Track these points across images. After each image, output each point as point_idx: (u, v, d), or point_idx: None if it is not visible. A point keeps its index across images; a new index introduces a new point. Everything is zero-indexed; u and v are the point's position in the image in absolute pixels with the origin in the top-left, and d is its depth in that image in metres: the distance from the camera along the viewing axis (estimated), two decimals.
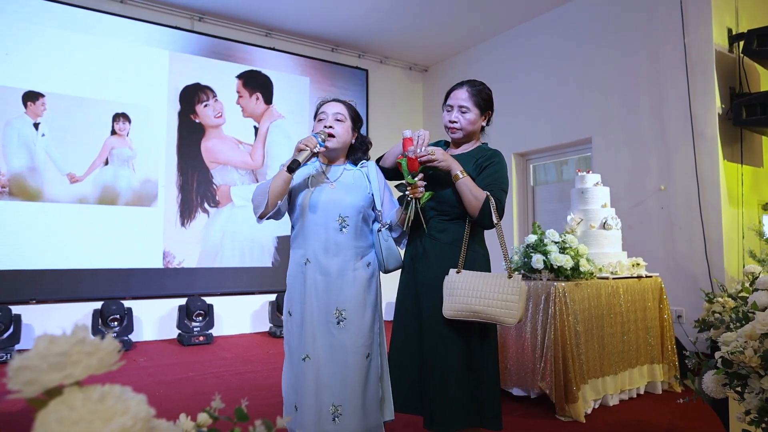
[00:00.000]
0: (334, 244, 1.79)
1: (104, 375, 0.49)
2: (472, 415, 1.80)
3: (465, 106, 1.88)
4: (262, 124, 5.90)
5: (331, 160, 1.92)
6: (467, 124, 1.89)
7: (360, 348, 1.77)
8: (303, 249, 1.82)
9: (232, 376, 3.62)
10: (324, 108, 1.89)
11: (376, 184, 1.90)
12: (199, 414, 0.73)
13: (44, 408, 0.46)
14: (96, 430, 0.44)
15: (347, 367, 1.74)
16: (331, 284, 1.78)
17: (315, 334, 1.75)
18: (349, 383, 1.73)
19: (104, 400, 0.47)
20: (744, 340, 1.62)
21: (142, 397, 0.51)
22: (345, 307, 1.78)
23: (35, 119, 4.74)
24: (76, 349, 0.48)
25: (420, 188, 1.78)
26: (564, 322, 2.76)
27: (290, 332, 1.82)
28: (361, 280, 1.82)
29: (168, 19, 5.41)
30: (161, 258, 5.23)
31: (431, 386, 1.79)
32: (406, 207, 1.81)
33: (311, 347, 1.74)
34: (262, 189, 1.80)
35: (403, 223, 1.86)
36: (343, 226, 1.80)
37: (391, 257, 1.88)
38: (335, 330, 1.76)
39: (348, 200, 1.82)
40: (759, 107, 3.81)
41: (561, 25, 5.30)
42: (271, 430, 0.61)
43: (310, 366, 1.73)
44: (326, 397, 1.71)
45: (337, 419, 1.71)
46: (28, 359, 0.47)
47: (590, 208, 3.39)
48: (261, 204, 1.78)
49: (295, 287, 1.82)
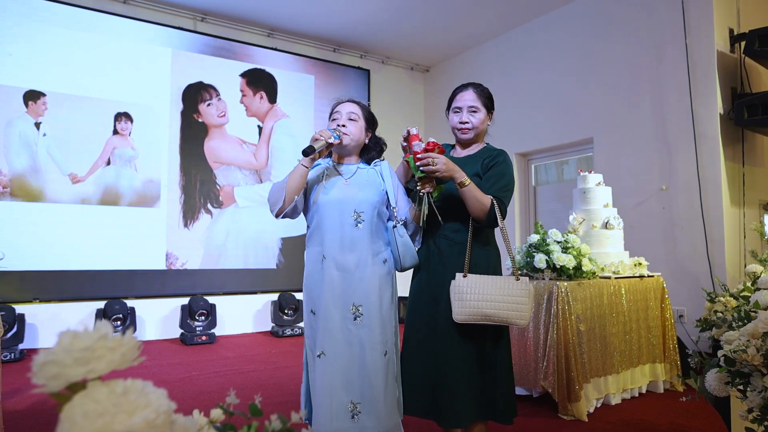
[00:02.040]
0: (350, 240, 1.79)
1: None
2: (483, 409, 1.81)
3: (474, 106, 1.90)
4: (266, 124, 5.87)
5: (344, 159, 1.94)
6: (478, 123, 1.92)
7: (377, 345, 1.76)
8: (319, 246, 1.82)
9: (235, 375, 3.64)
10: (339, 108, 1.92)
11: (390, 181, 1.91)
12: (212, 410, 0.74)
13: (69, 402, 0.47)
14: (120, 423, 0.46)
15: (365, 364, 1.73)
16: (348, 280, 1.78)
17: (332, 330, 1.74)
18: (369, 380, 1.72)
19: (127, 394, 0.49)
20: (746, 338, 1.63)
21: (163, 391, 0.52)
22: (362, 302, 1.77)
23: (36, 119, 4.72)
24: (100, 344, 0.49)
25: (431, 183, 1.77)
26: (566, 322, 2.77)
27: (313, 330, 1.80)
28: (377, 275, 1.82)
29: (170, 20, 5.41)
30: (164, 259, 5.22)
31: (444, 385, 1.78)
32: (419, 203, 1.80)
33: (328, 344, 1.73)
34: (278, 185, 1.82)
35: (417, 220, 1.86)
36: (358, 221, 1.81)
37: (407, 254, 1.87)
38: (352, 326, 1.76)
39: (362, 196, 1.83)
40: (760, 107, 3.81)
41: (562, 25, 5.31)
42: (286, 424, 0.62)
43: (324, 363, 1.72)
44: (344, 395, 1.70)
45: (356, 417, 1.70)
46: (53, 354, 0.48)
47: (592, 207, 3.40)
48: (278, 200, 1.79)
49: (315, 285, 1.81)
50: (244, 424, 0.62)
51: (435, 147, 1.74)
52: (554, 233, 3.00)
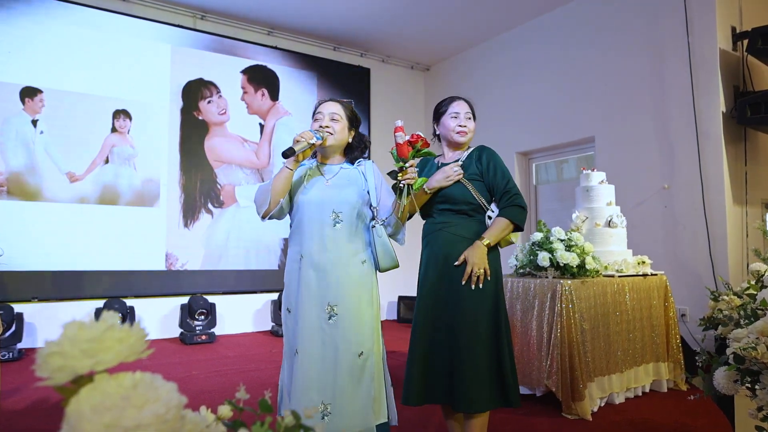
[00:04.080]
0: (329, 240, 1.80)
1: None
2: (498, 398, 1.91)
3: (470, 113, 2.08)
4: (267, 122, 5.81)
5: (328, 159, 1.94)
6: (472, 128, 2.10)
7: (351, 345, 1.76)
8: (298, 245, 1.84)
9: (236, 375, 3.61)
10: (321, 108, 1.93)
11: (372, 181, 1.91)
12: (220, 407, 0.72)
13: (76, 395, 0.45)
14: (129, 418, 0.43)
15: (337, 365, 1.73)
16: (323, 279, 1.78)
17: (307, 329, 1.76)
18: (338, 381, 1.72)
19: (136, 388, 0.47)
20: (755, 336, 1.61)
21: (173, 385, 0.50)
22: (337, 302, 1.77)
23: (33, 116, 4.66)
24: (108, 335, 0.47)
25: (411, 174, 1.77)
26: (570, 320, 2.75)
27: (288, 328, 1.85)
28: (354, 276, 1.81)
29: (170, 17, 5.38)
30: (164, 260, 5.17)
31: (466, 377, 1.85)
32: (399, 195, 1.81)
33: (303, 342, 1.75)
34: (264, 188, 1.85)
35: (398, 213, 1.86)
36: (336, 221, 1.81)
37: (385, 255, 1.87)
38: (326, 325, 1.76)
39: (342, 196, 1.84)
40: (763, 106, 3.80)
41: (564, 24, 5.30)
42: (299, 420, 0.60)
43: (300, 361, 1.74)
44: (316, 395, 1.70)
45: (326, 417, 1.69)
46: (59, 345, 0.46)
47: (595, 206, 3.38)
48: (264, 202, 1.82)
49: (292, 283, 1.85)
50: (254, 421, 0.60)
51: (419, 139, 1.78)
52: (558, 231, 2.99)
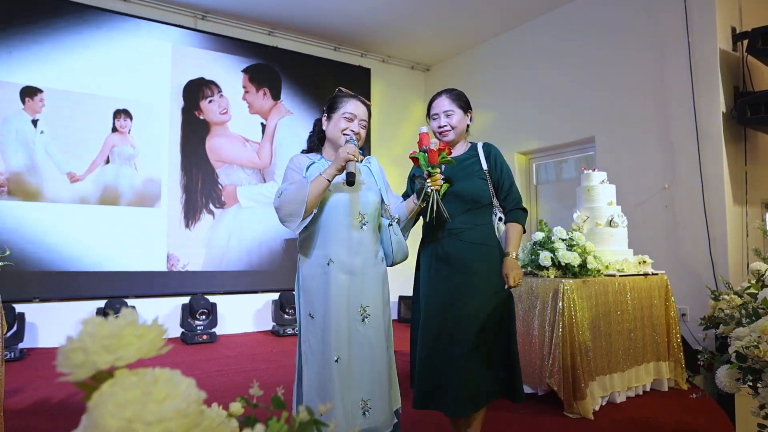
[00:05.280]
0: (357, 243, 1.80)
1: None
2: (500, 391, 1.95)
3: (449, 110, 2.05)
4: (269, 121, 5.78)
5: None
6: (456, 123, 2.06)
7: (383, 342, 1.82)
8: (324, 249, 1.79)
9: (237, 374, 3.61)
10: (351, 108, 1.86)
11: (381, 179, 1.95)
12: (231, 404, 0.73)
13: (98, 390, 0.46)
14: (151, 412, 0.44)
15: (374, 362, 1.78)
16: (356, 283, 1.79)
17: (343, 334, 1.75)
18: (377, 377, 1.78)
19: (157, 383, 0.47)
20: (757, 335, 1.62)
21: (192, 380, 0.50)
22: (369, 303, 1.81)
23: (33, 116, 4.64)
24: (128, 331, 0.48)
25: (440, 180, 1.88)
26: (572, 320, 2.76)
27: (313, 335, 1.78)
28: (379, 275, 1.87)
29: (171, 17, 5.38)
30: (165, 261, 5.16)
31: (465, 375, 1.87)
32: (424, 198, 1.88)
33: (341, 350, 1.74)
34: (293, 197, 1.72)
35: (412, 215, 1.95)
36: (362, 223, 1.83)
37: (400, 251, 1.93)
38: (360, 327, 1.79)
39: (365, 198, 1.85)
40: (763, 106, 3.81)
41: (564, 24, 5.30)
42: (313, 415, 0.60)
43: (341, 367, 1.73)
44: (355, 394, 1.75)
45: (367, 413, 1.75)
46: (80, 341, 0.47)
47: (596, 205, 3.39)
48: (297, 212, 1.70)
49: (317, 289, 1.78)
50: (267, 417, 0.60)
51: (446, 147, 1.91)
52: (559, 231, 3.00)
